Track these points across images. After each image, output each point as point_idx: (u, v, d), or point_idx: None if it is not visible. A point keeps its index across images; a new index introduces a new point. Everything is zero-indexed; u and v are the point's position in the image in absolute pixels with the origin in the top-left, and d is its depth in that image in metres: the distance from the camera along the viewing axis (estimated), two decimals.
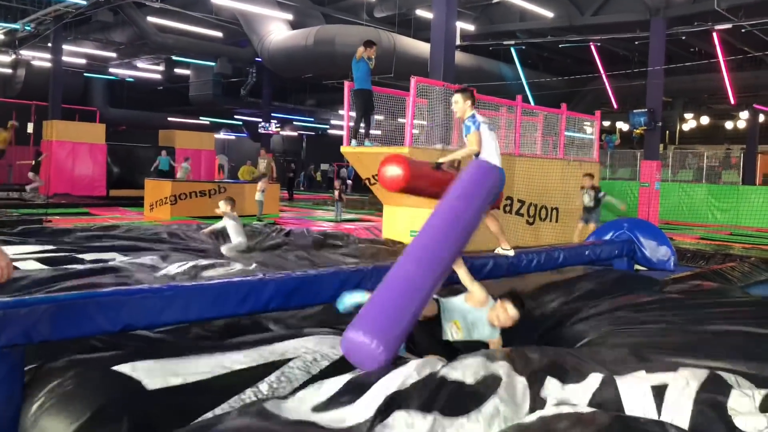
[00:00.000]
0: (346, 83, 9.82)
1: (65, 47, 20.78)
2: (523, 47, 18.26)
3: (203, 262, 6.10)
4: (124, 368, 3.01)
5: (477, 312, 4.11)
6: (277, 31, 16.72)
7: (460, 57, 14.28)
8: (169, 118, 30.42)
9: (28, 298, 3.19)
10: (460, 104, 5.27)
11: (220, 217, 15.02)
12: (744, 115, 23.31)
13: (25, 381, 3.04)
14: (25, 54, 20.67)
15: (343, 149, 9.96)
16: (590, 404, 3.21)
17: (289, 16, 16.68)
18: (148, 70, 26.29)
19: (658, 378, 3.22)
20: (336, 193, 15.21)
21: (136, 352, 3.31)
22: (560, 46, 17.86)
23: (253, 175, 20.74)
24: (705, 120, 23.74)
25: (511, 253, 5.84)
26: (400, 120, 10.68)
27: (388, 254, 7.91)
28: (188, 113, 30.73)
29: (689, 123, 23.24)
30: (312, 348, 3.60)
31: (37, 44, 20.02)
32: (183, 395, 2.94)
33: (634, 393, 3.14)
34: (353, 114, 9.90)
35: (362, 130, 9.78)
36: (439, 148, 9.41)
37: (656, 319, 4.82)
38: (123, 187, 19.11)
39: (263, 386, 3.16)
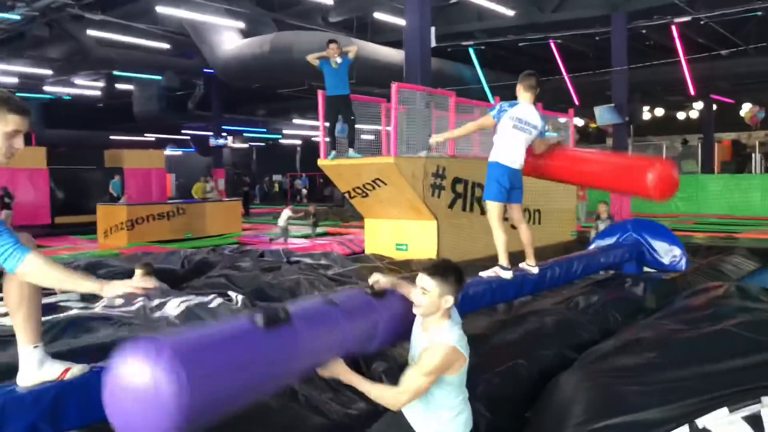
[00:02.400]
0: (320, 92, 9.21)
1: None
2: (482, 47, 18.03)
3: (196, 298, 5.41)
4: None
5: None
6: (229, 40, 15.94)
7: None
8: (112, 137, 28.99)
9: None
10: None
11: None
12: (698, 105, 23.82)
13: None
14: None
15: (321, 162, 9.37)
16: None
17: (241, 24, 15.94)
18: (87, 86, 24.92)
19: (745, 411, 2.84)
20: (311, 216, 14.49)
21: None
22: (520, 44, 17.70)
23: (205, 194, 19.88)
24: (659, 111, 24.15)
25: (536, 270, 5.41)
26: (368, 127, 10.17)
27: (384, 271, 7.36)
28: (132, 130, 29.37)
29: (644, 115, 23.59)
30: None
31: None
32: None
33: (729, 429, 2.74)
34: (327, 124, 9.33)
35: (338, 139, 9.19)
36: (423, 155, 8.93)
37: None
38: (70, 213, 17.86)
39: None
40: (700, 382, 3.27)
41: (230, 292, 5.84)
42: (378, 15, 15.32)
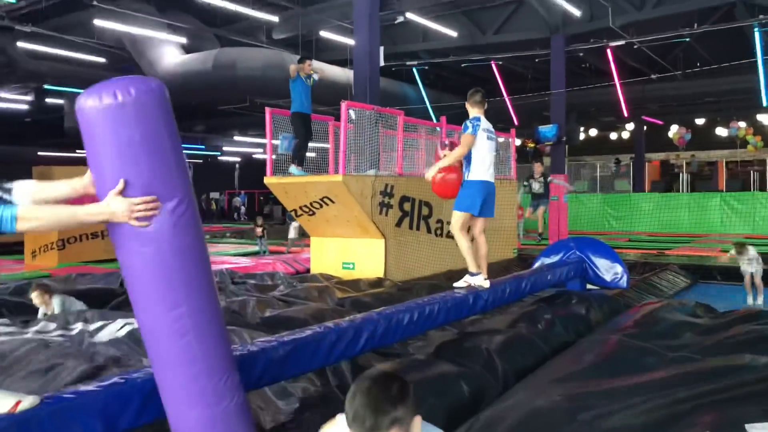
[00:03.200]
0: (268, 109, 9.10)
1: None
2: (426, 67, 18.28)
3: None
4: None
5: None
6: (169, 55, 15.58)
7: None
8: (40, 153, 27.76)
9: None
10: (468, 104, 5.29)
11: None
12: (630, 126, 24.86)
13: None
14: None
15: (267, 180, 9.22)
16: None
17: (183, 40, 15.61)
18: (14, 100, 23.83)
19: None
20: (259, 230, 14.36)
21: None
22: (463, 65, 18.04)
23: None
24: (593, 132, 25.03)
25: (487, 284, 5.48)
26: (313, 145, 10.10)
27: (337, 292, 7.27)
28: (62, 146, 28.19)
29: (579, 135, 24.44)
30: None
31: None
32: None
33: None
34: (276, 142, 9.20)
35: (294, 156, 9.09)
36: (371, 174, 8.93)
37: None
38: None
39: None
40: (668, 407, 3.29)
41: None
42: (324, 33, 15.32)
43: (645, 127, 24.93)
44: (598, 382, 3.87)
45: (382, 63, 10.21)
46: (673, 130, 23.41)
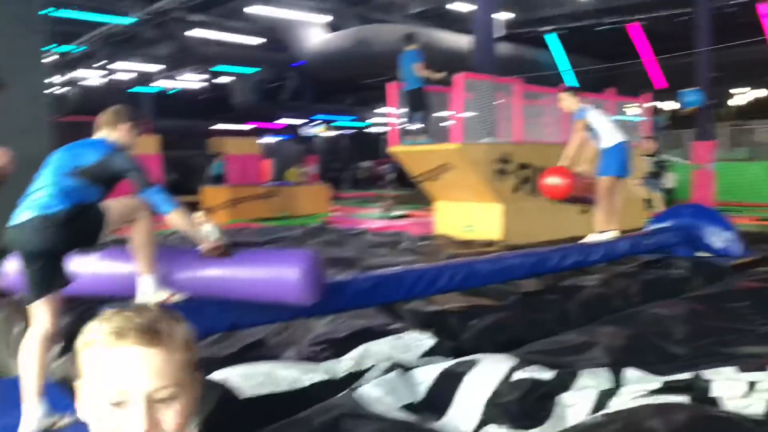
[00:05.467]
0: (388, 84, 9.90)
1: (115, 64, 21.52)
2: (563, 32, 18.06)
3: None
4: (217, 376, 2.87)
5: None
6: (316, 34, 16.94)
7: (500, 47, 14.18)
8: (213, 126, 31.04)
9: None
10: (567, 102, 5.92)
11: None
12: None
13: None
14: (78, 73, 21.49)
15: (392, 149, 10.08)
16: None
17: (326, 19, 16.89)
18: (192, 80, 26.93)
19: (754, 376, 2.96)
20: (388, 199, 15.58)
21: (229, 359, 3.37)
22: (600, 28, 17.58)
23: (298, 178, 21.08)
24: (762, 93, 22.67)
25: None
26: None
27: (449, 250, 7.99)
28: (231, 119, 31.28)
29: (744, 97, 22.36)
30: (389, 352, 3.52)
31: (88, 63, 20.80)
32: (278, 402, 2.78)
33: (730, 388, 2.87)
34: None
35: (411, 127, 9.85)
36: (487, 141, 9.43)
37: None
38: (179, 193, 19.42)
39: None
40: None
41: None
42: (451, 6, 15.78)
43: None
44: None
45: (502, 33, 10.56)
46: None
